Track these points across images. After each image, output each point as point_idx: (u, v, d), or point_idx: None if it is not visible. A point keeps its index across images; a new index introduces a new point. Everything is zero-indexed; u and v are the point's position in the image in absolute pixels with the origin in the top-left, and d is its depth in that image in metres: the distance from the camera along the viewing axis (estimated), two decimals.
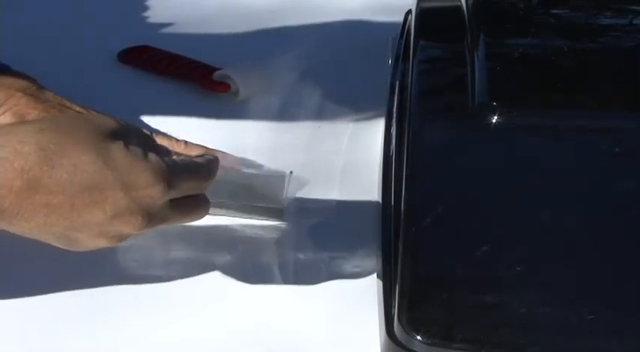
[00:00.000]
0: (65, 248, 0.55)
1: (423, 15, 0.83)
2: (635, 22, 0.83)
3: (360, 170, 0.76)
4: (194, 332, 0.61)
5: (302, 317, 0.62)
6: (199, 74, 0.87)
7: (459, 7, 0.81)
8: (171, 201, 0.55)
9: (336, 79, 0.89)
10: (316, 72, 0.89)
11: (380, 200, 0.69)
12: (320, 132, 0.81)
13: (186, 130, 0.81)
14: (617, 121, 0.68)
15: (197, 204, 0.58)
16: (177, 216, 0.56)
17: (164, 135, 0.76)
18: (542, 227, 0.60)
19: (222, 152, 0.74)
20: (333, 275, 0.65)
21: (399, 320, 0.55)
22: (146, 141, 0.57)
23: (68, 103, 0.75)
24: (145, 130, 0.75)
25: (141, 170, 0.53)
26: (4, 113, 0.72)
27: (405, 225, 0.61)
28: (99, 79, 0.88)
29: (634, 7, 0.84)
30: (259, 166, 0.76)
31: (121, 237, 0.54)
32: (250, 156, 0.77)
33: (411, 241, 0.59)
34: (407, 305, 0.55)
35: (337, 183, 0.75)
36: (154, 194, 0.53)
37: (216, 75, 0.86)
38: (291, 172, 0.75)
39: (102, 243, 0.54)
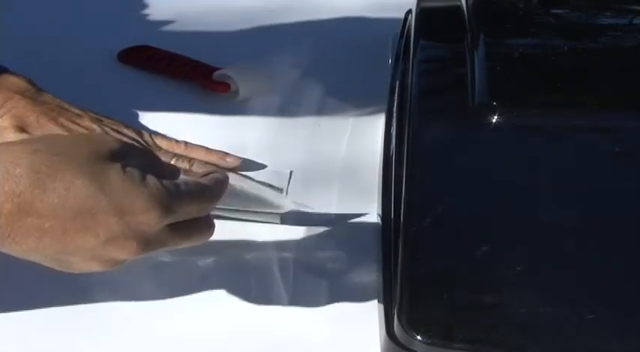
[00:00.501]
0: (59, 269, 0.53)
1: (423, 15, 0.83)
2: (635, 22, 0.83)
3: (360, 170, 0.76)
4: (194, 332, 0.61)
5: (302, 317, 0.62)
6: (199, 74, 0.87)
7: (459, 7, 0.81)
8: (172, 224, 0.53)
9: (336, 78, 0.89)
10: (316, 72, 0.89)
11: (380, 200, 0.69)
12: (320, 132, 0.81)
13: (186, 130, 0.81)
14: (617, 121, 0.68)
15: (200, 227, 0.56)
16: (178, 240, 0.54)
17: (163, 136, 0.76)
18: (542, 227, 0.60)
19: (223, 152, 0.75)
20: (332, 275, 0.65)
21: (399, 320, 0.55)
22: (148, 161, 0.55)
23: (67, 105, 0.75)
24: (144, 132, 0.75)
25: (137, 195, 0.51)
26: (2, 116, 0.72)
27: (405, 225, 0.61)
28: (99, 79, 0.88)
29: (634, 7, 0.84)
30: (260, 166, 0.76)
31: (117, 262, 0.53)
32: (250, 155, 0.77)
33: (411, 241, 0.59)
34: (407, 305, 0.55)
35: (337, 183, 0.75)
36: (150, 220, 0.51)
37: (216, 75, 0.86)
38: (291, 172, 0.75)
39: (96, 267, 0.53)
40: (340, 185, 0.74)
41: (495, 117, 0.67)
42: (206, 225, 0.56)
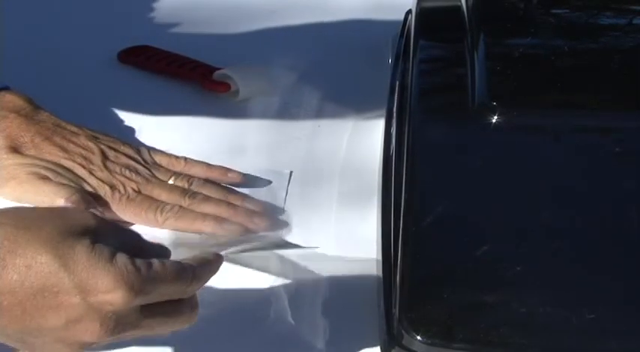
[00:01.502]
0: (25, 351, 0.50)
1: (423, 15, 0.83)
2: (635, 22, 0.83)
3: (360, 170, 0.76)
4: (192, 330, 0.61)
5: (302, 317, 0.62)
6: (199, 74, 0.87)
7: (459, 7, 0.81)
8: (147, 306, 0.50)
9: (336, 78, 0.89)
10: (316, 72, 0.89)
11: (380, 200, 0.69)
12: (320, 132, 0.81)
13: (186, 130, 0.81)
14: (617, 121, 0.68)
15: (180, 310, 0.52)
16: (153, 324, 0.51)
17: (162, 152, 0.74)
18: (541, 227, 0.60)
19: (225, 168, 0.73)
20: (333, 275, 0.65)
21: (399, 320, 0.55)
22: (126, 240, 0.52)
23: (63, 124, 0.73)
24: (143, 149, 0.73)
25: (103, 274, 0.47)
26: None
27: (405, 225, 0.61)
28: (99, 79, 0.88)
29: (634, 7, 0.84)
30: (260, 166, 0.76)
31: (83, 344, 0.49)
32: (250, 155, 0.77)
33: (411, 241, 0.59)
34: (407, 305, 0.55)
35: (337, 183, 0.75)
36: (115, 300, 0.47)
37: (216, 75, 0.86)
38: (291, 172, 0.75)
39: (61, 350, 0.49)
40: (340, 185, 0.74)
41: (495, 117, 0.67)
42: (188, 307, 0.52)
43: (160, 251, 0.53)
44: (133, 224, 0.69)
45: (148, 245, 0.54)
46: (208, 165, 0.73)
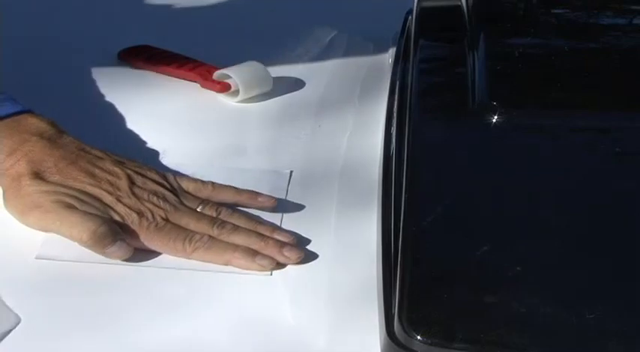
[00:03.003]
0: None
1: (423, 15, 0.83)
2: (635, 22, 0.83)
3: (360, 170, 0.76)
4: (193, 331, 0.61)
5: (302, 317, 0.62)
6: (199, 74, 0.87)
7: (459, 7, 0.81)
8: None
9: (337, 78, 0.89)
10: (316, 71, 0.89)
11: (380, 200, 0.69)
12: (320, 132, 0.81)
13: (186, 130, 0.81)
14: (617, 121, 0.68)
15: None
16: None
17: (189, 178, 0.72)
18: (541, 227, 0.60)
19: (254, 192, 0.71)
20: (333, 275, 0.65)
21: (399, 320, 0.55)
22: None
23: (87, 148, 0.71)
24: (169, 175, 0.71)
25: None
26: (18, 160, 0.68)
27: (405, 225, 0.61)
28: (99, 78, 0.88)
29: (634, 7, 0.84)
30: (260, 167, 0.76)
31: None
32: (250, 155, 0.78)
33: (411, 241, 0.59)
34: (407, 305, 0.55)
35: (337, 183, 0.75)
36: None
37: (216, 75, 0.86)
38: (291, 172, 0.75)
39: None
40: (340, 185, 0.74)
41: (495, 117, 0.67)
42: None
43: None
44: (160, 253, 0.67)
45: None
46: (236, 189, 0.71)
